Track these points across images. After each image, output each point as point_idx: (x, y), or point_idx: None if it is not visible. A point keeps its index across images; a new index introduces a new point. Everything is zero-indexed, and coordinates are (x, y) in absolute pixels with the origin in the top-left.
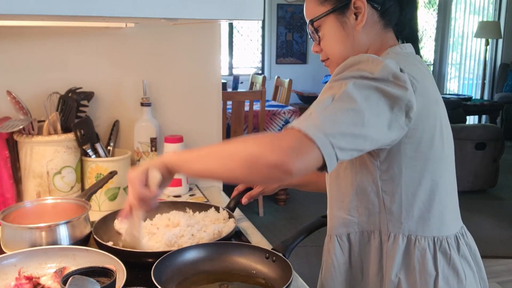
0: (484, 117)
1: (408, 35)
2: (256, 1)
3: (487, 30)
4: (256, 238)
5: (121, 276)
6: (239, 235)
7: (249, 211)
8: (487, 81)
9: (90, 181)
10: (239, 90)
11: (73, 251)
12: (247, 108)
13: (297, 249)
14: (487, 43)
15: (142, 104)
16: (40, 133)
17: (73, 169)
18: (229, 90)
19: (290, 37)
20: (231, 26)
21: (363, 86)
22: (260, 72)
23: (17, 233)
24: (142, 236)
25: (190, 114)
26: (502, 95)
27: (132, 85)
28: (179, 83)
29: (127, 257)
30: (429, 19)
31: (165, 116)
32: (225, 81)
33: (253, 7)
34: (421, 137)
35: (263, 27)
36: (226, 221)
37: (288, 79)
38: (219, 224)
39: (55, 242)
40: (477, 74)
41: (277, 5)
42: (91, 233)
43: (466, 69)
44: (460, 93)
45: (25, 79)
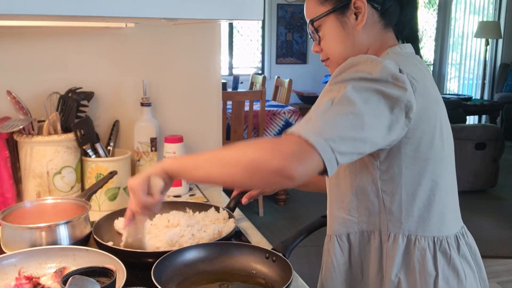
0: (484, 117)
1: (408, 35)
2: (256, 1)
3: (487, 30)
4: (256, 238)
5: (121, 276)
6: (239, 235)
7: (249, 211)
8: (487, 81)
9: (90, 181)
10: (239, 90)
11: (73, 251)
12: (247, 108)
13: (297, 249)
14: (487, 43)
15: (142, 104)
16: (40, 133)
17: (73, 169)
18: (229, 90)
19: (290, 37)
20: (231, 26)
21: (362, 88)
22: (260, 72)
23: (17, 233)
24: (146, 237)
25: (190, 114)
26: (502, 95)
27: (132, 85)
28: (179, 83)
29: (127, 257)
30: (429, 19)
31: (165, 116)
32: (225, 81)
33: (253, 7)
34: (421, 137)
35: (263, 27)
36: (226, 221)
37: (288, 79)
38: (219, 224)
39: (55, 242)
40: (477, 74)
41: (277, 5)
42: (91, 233)
43: (466, 69)
44: (460, 93)
45: (25, 79)
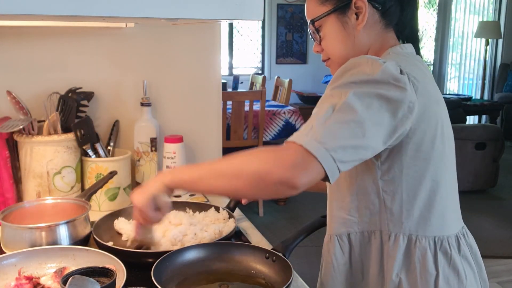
0: (484, 117)
1: (409, 35)
2: (256, 1)
3: (487, 30)
4: (256, 238)
5: (121, 276)
6: (239, 235)
7: (249, 211)
8: (487, 81)
9: (90, 181)
10: (239, 90)
11: (73, 251)
12: (247, 108)
13: (297, 249)
14: (487, 43)
15: (142, 104)
16: (40, 133)
17: (73, 169)
18: (229, 90)
19: (290, 37)
20: (231, 26)
21: (364, 94)
22: (260, 72)
23: (17, 233)
24: (155, 235)
25: (190, 114)
26: (502, 95)
27: (132, 85)
28: (179, 83)
29: (127, 257)
30: (429, 19)
31: (165, 116)
32: (225, 81)
33: (253, 7)
34: (422, 137)
35: (263, 27)
36: (226, 221)
37: (288, 79)
38: (219, 224)
39: (55, 242)
40: (477, 74)
41: (277, 5)
42: (91, 233)
43: (466, 69)
44: (460, 93)
45: (25, 79)
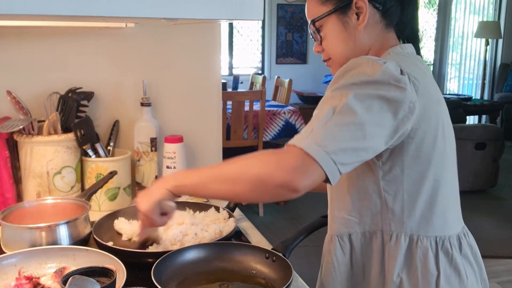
0: (484, 117)
1: (409, 35)
2: (256, 1)
3: (487, 30)
4: (256, 238)
5: (121, 276)
6: (239, 235)
7: (249, 211)
8: (487, 81)
9: (90, 181)
10: (239, 90)
11: (73, 251)
12: (247, 108)
13: (297, 249)
14: (487, 43)
15: (142, 104)
16: (40, 133)
17: (73, 169)
18: (229, 90)
19: (290, 37)
20: (231, 26)
21: (364, 95)
22: (260, 72)
23: (17, 233)
24: (161, 232)
25: (190, 114)
26: (502, 95)
27: (132, 85)
28: (179, 83)
29: (127, 257)
30: (429, 19)
31: (165, 116)
32: (225, 81)
33: (253, 7)
34: (423, 137)
35: (263, 27)
36: (226, 221)
37: (288, 79)
38: (219, 224)
39: (55, 242)
40: (477, 74)
41: (277, 5)
42: (91, 233)
43: (466, 69)
44: (460, 93)
45: (25, 79)
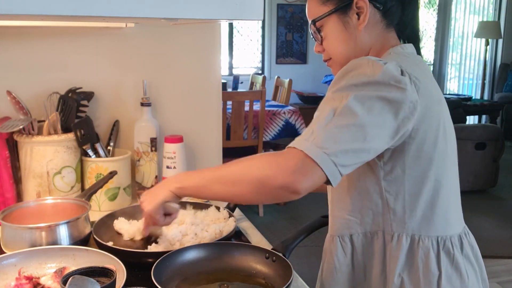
0: (484, 117)
1: (410, 35)
2: (256, 1)
3: (487, 30)
4: (256, 238)
5: (121, 276)
6: (239, 235)
7: (249, 211)
8: (487, 81)
9: (90, 181)
10: (239, 90)
11: (73, 251)
12: (247, 108)
13: (297, 249)
14: (487, 43)
15: (142, 104)
16: (40, 133)
17: (73, 169)
18: (229, 90)
19: (290, 37)
20: (231, 26)
21: (365, 97)
22: (260, 72)
23: (17, 233)
24: (164, 229)
25: (190, 114)
26: (502, 95)
27: (132, 85)
28: (179, 83)
29: (127, 257)
30: (429, 19)
31: (165, 116)
32: (225, 81)
33: (253, 7)
34: (424, 137)
35: (263, 27)
36: (226, 220)
37: (288, 79)
38: (219, 223)
39: (55, 242)
40: (477, 74)
41: (277, 5)
42: (91, 233)
43: (466, 69)
44: (460, 93)
45: (25, 79)
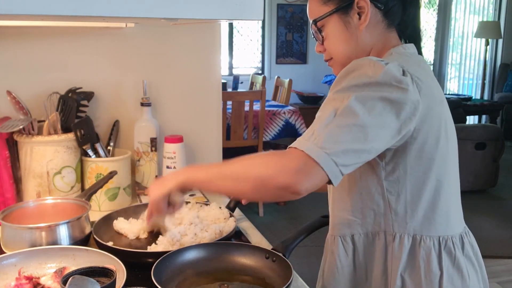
0: (484, 117)
1: (411, 35)
2: (256, 1)
3: (487, 30)
4: (256, 238)
5: (121, 276)
6: (239, 235)
7: (249, 211)
8: (487, 81)
9: (90, 181)
10: (239, 90)
11: (73, 251)
12: (247, 108)
13: (297, 249)
14: (487, 43)
15: (142, 104)
16: (40, 133)
17: (73, 169)
18: (229, 90)
19: (290, 37)
20: (231, 26)
21: (366, 97)
22: (260, 72)
23: (17, 233)
24: (168, 226)
25: (190, 114)
26: (502, 95)
27: (132, 85)
28: (179, 83)
29: (127, 257)
30: (429, 19)
31: (165, 116)
32: (225, 81)
33: (253, 7)
34: (426, 137)
35: (263, 27)
36: (226, 220)
37: (288, 79)
38: (219, 223)
39: (55, 242)
40: (477, 74)
41: (277, 5)
42: (91, 233)
43: (466, 69)
44: (460, 93)
45: (25, 79)
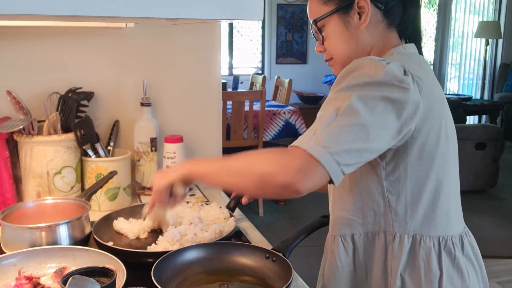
0: (484, 117)
1: (411, 35)
2: (256, 1)
3: (487, 30)
4: (256, 238)
5: (121, 276)
6: (239, 235)
7: (249, 211)
8: (487, 81)
9: (90, 181)
10: (239, 90)
11: (73, 251)
12: (247, 108)
13: (297, 249)
14: (487, 43)
15: (142, 104)
16: (40, 133)
17: (73, 169)
18: (229, 90)
19: (290, 37)
20: (231, 26)
21: (368, 97)
22: (260, 72)
23: (17, 233)
24: (169, 220)
25: (190, 114)
26: (502, 95)
27: (132, 85)
28: (179, 83)
29: (127, 257)
30: (429, 19)
31: (165, 116)
32: (225, 81)
33: (253, 7)
34: (426, 137)
35: (263, 27)
36: (226, 220)
37: (288, 79)
38: (219, 223)
39: (55, 242)
40: (477, 74)
41: (277, 5)
42: (91, 233)
43: (466, 69)
44: (460, 93)
45: (25, 79)
